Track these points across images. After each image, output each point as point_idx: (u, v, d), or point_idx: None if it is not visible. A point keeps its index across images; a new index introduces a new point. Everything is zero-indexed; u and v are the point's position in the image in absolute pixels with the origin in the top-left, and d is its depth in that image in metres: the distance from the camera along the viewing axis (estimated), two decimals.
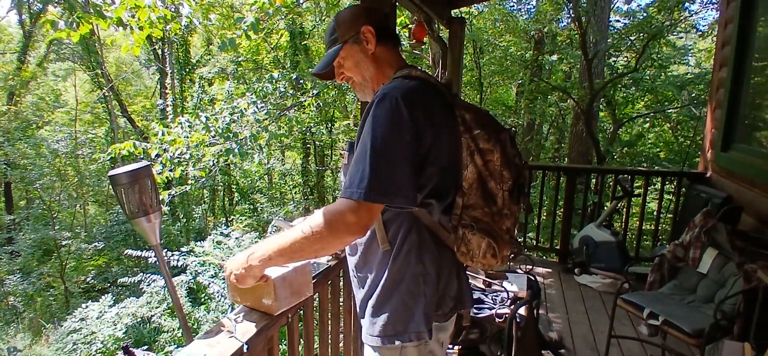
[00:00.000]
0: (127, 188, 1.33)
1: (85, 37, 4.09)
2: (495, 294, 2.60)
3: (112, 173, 1.32)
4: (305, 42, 11.16)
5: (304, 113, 10.11)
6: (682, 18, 8.97)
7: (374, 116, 1.13)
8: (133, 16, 4.35)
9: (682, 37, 10.36)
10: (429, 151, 1.16)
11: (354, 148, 1.27)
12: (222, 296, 6.03)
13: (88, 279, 11.52)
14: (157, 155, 5.52)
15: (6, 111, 13.43)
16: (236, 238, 6.82)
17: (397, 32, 1.88)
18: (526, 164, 1.37)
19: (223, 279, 5.76)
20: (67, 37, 4.17)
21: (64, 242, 11.56)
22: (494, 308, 2.46)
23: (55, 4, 13.99)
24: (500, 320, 2.39)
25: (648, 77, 8.82)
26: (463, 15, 8.33)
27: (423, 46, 5.26)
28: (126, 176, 1.31)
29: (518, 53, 10.45)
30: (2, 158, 13.34)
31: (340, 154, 11.97)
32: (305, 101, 7.94)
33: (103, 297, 7.13)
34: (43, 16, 14.08)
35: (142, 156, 6.00)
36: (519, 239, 5.43)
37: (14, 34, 15.69)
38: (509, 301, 2.51)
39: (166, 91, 12.96)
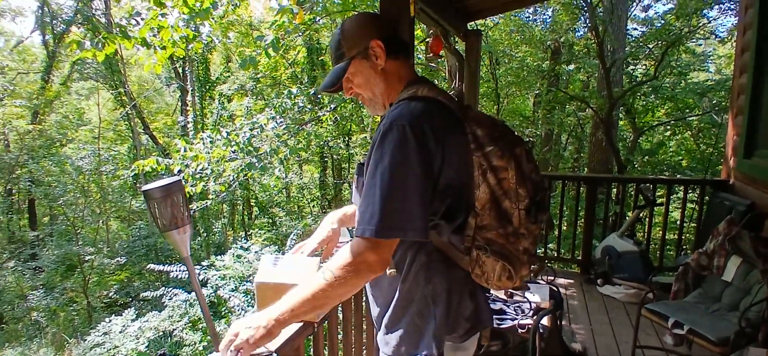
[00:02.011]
0: (159, 202, 1.37)
1: (109, 57, 4.22)
2: (517, 304, 2.59)
3: (145, 188, 1.36)
4: (322, 57, 11.30)
5: (321, 127, 10.21)
6: (700, 24, 8.87)
7: (382, 148, 1.09)
8: (156, 36, 4.48)
9: (701, 44, 10.23)
10: (440, 174, 1.13)
11: (363, 171, 1.23)
12: (242, 309, 6.08)
13: (110, 294, 11.67)
14: (180, 171, 5.63)
15: (30, 130, 13.80)
16: (256, 252, 6.88)
17: (414, 46, 1.86)
18: (544, 178, 1.30)
19: (245, 292, 5.81)
20: (92, 57, 4.31)
21: (87, 258, 11.74)
22: (516, 319, 2.45)
23: (78, 25, 14.44)
24: (523, 331, 2.38)
25: (668, 85, 8.72)
26: (479, 27, 8.35)
27: (439, 59, 5.30)
28: (159, 190, 1.35)
29: (535, 64, 10.42)
30: (27, 176, 13.69)
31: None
32: (323, 115, 8.02)
33: (125, 311, 7.24)
34: (66, 37, 14.52)
35: (164, 172, 6.11)
36: (539, 250, 5.39)
37: (38, 54, 16.16)
38: (532, 312, 2.50)
39: (187, 108, 13.22)
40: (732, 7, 8.40)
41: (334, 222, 1.61)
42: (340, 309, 1.94)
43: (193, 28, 4.89)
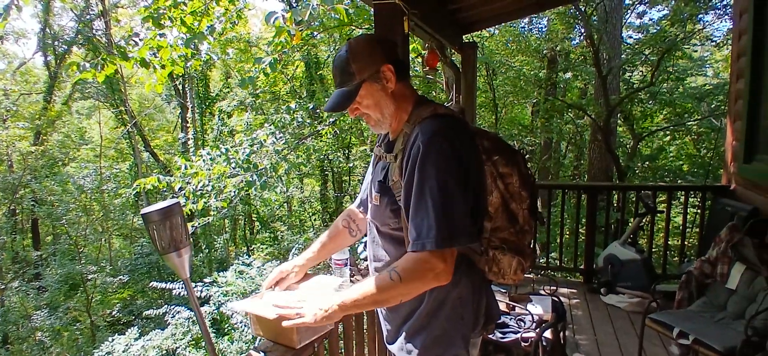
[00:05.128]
0: (158, 225, 1.37)
1: (110, 77, 4.26)
2: (519, 317, 2.58)
3: (144, 211, 1.36)
4: (320, 72, 11.36)
5: (321, 140, 10.23)
6: (696, 30, 8.90)
7: (425, 163, 1.15)
8: (155, 55, 4.51)
9: (697, 49, 10.26)
10: (470, 183, 1.21)
11: (385, 188, 1.30)
12: (245, 326, 6.06)
13: (113, 312, 11.65)
14: (181, 188, 5.63)
15: (33, 150, 13.83)
16: (258, 267, 6.87)
17: (411, 60, 1.90)
18: (535, 181, 1.44)
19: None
20: (92, 78, 4.34)
21: (90, 277, 11.72)
22: (519, 332, 2.44)
23: (80, 46, 14.53)
24: (526, 344, 2.37)
25: (665, 90, 8.74)
26: (474, 39, 8.39)
27: (436, 72, 5.32)
28: (157, 213, 1.35)
29: (532, 72, 10.46)
30: (30, 196, 13.70)
31: (357, 186, 12.01)
32: (322, 129, 8.05)
33: (128, 330, 7.21)
34: (67, 58, 14.60)
35: (165, 190, 6.12)
36: (541, 260, 5.38)
37: (40, 75, 16.24)
38: (534, 324, 2.48)
39: (188, 125, 13.27)
40: (727, 12, 8.43)
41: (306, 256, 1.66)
42: (341, 326, 1.93)
43: (191, 46, 4.93)
